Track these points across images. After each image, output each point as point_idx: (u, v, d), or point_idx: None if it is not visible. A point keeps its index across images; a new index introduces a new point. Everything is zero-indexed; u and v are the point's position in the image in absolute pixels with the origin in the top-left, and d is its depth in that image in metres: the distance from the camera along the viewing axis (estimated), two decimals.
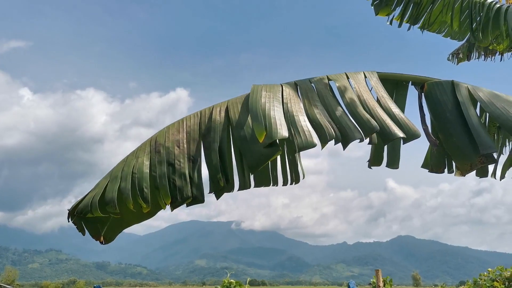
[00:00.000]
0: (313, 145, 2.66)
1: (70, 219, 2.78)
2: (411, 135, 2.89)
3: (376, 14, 7.15)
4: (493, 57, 8.66)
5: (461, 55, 9.31)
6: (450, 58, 9.76)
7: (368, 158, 3.68)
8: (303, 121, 2.79)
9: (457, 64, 9.49)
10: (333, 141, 2.73)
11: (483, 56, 8.77)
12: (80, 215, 2.72)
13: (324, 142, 2.69)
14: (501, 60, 8.26)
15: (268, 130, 2.67)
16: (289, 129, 2.73)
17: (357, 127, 2.80)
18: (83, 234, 2.84)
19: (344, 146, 2.73)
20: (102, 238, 2.92)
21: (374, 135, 2.98)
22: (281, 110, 2.86)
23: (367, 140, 3.07)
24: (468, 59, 9.10)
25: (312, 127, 2.77)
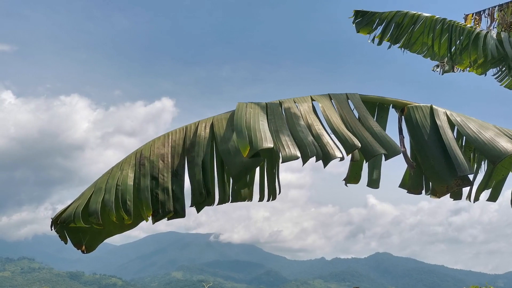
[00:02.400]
0: (296, 157, 2.73)
1: (53, 228, 2.80)
2: (392, 152, 2.99)
3: (357, 32, 7.37)
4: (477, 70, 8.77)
5: (446, 67, 9.43)
6: (435, 69, 9.86)
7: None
8: (287, 136, 2.88)
9: (442, 75, 9.62)
10: (314, 159, 2.79)
11: (467, 68, 8.90)
12: (63, 224, 2.75)
13: (305, 158, 2.76)
14: (485, 75, 8.41)
15: (254, 141, 2.75)
16: (273, 142, 2.81)
17: (339, 145, 2.89)
18: (65, 242, 2.88)
19: (325, 164, 2.80)
20: (83, 247, 2.97)
21: (356, 152, 3.08)
22: (265, 125, 2.95)
23: (349, 157, 3.16)
24: (454, 70, 9.26)
25: (295, 144, 2.84)
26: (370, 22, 7.34)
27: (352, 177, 3.70)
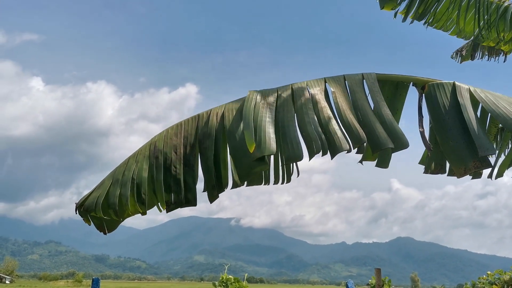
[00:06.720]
0: (299, 159, 2.80)
1: (77, 212, 3.03)
2: (399, 146, 2.95)
3: (382, 8, 7.06)
4: (497, 58, 8.45)
5: (464, 54, 9.08)
6: (453, 56, 9.53)
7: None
8: (293, 132, 2.91)
9: (460, 63, 9.24)
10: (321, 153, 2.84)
11: (486, 56, 8.56)
12: (85, 212, 2.98)
13: (311, 154, 2.80)
14: (504, 61, 8.09)
15: (257, 144, 2.76)
16: (278, 140, 2.86)
17: (346, 137, 2.90)
18: (89, 224, 3.09)
19: (332, 156, 2.85)
20: (105, 229, 3.17)
21: (364, 144, 3.06)
22: (272, 121, 2.96)
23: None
24: (472, 58, 8.88)
25: (302, 138, 2.87)
26: None
27: (369, 155, 3.63)
